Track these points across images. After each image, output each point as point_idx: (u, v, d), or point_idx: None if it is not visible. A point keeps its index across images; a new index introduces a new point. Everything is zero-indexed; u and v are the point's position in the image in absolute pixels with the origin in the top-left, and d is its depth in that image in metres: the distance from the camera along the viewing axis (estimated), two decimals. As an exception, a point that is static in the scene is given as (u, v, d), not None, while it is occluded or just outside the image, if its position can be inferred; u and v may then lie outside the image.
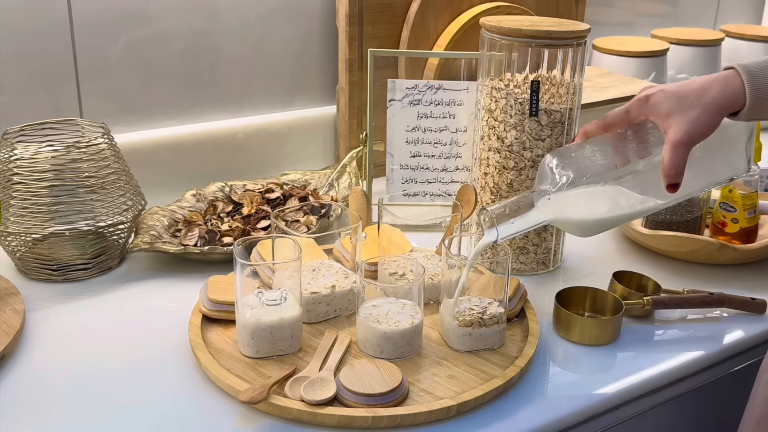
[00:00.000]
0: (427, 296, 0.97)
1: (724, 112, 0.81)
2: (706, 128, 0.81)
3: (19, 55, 1.13)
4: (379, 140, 1.24)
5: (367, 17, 1.32)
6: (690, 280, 1.10)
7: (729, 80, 0.81)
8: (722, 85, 0.81)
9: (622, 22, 1.89)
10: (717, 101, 0.81)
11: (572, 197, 0.85)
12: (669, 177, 0.82)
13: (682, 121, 0.81)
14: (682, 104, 0.82)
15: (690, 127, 0.81)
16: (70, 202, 1.00)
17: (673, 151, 0.81)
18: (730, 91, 0.81)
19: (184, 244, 1.08)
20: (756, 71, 0.81)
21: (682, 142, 0.81)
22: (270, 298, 0.87)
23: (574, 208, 0.86)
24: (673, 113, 0.82)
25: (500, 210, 0.86)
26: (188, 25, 1.25)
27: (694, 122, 0.81)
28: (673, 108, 0.82)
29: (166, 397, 0.82)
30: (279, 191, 1.22)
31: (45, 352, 0.88)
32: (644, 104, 0.85)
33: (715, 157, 0.89)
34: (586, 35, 1.02)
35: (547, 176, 0.86)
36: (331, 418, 0.77)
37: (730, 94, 0.81)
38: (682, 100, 0.82)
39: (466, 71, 1.27)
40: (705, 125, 0.81)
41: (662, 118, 0.83)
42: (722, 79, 0.82)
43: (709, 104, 0.81)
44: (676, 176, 0.81)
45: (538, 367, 0.90)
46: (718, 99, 0.81)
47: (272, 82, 1.36)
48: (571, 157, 0.87)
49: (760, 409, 0.89)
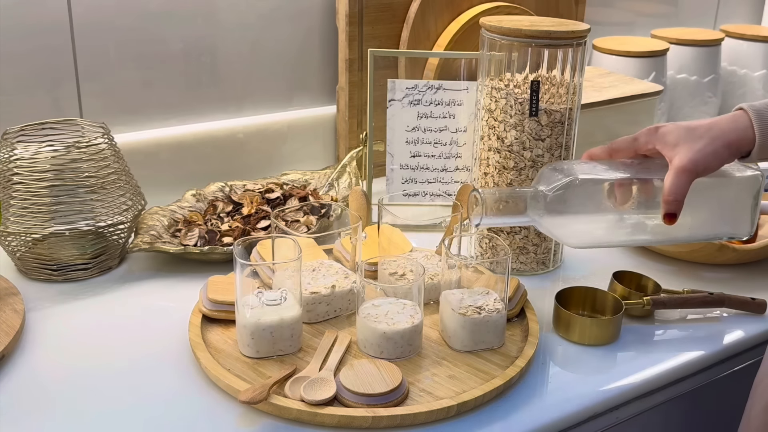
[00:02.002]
0: (427, 296, 0.97)
1: (732, 147, 0.82)
2: (712, 160, 0.81)
3: (19, 55, 1.13)
4: (379, 140, 1.24)
5: (367, 17, 1.33)
6: (690, 280, 1.10)
7: (738, 117, 0.83)
8: (731, 120, 0.83)
9: (622, 22, 1.89)
10: (725, 135, 0.82)
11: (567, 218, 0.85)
12: (668, 203, 0.81)
13: (688, 150, 0.81)
14: (690, 135, 0.82)
15: (696, 156, 0.81)
16: (70, 202, 1.00)
17: (676, 176, 0.81)
18: (738, 127, 0.82)
19: (184, 244, 1.08)
20: (764, 109, 0.82)
21: (686, 168, 0.81)
22: (270, 298, 0.87)
23: (564, 227, 0.87)
24: (680, 143, 0.82)
25: (493, 198, 0.86)
26: (188, 25, 1.25)
27: (700, 152, 0.81)
28: (681, 138, 0.83)
29: (165, 397, 0.82)
30: (279, 191, 1.22)
31: (45, 352, 0.88)
32: (653, 134, 0.85)
33: (718, 209, 0.89)
34: (586, 35, 1.02)
35: (546, 177, 0.86)
36: (331, 418, 0.77)
37: (738, 130, 0.82)
38: (691, 132, 0.83)
39: (466, 71, 1.27)
40: (711, 156, 0.81)
41: (669, 148, 0.83)
42: (731, 117, 0.83)
43: (716, 137, 0.82)
44: (675, 203, 0.81)
45: (538, 367, 0.90)
46: (726, 133, 0.82)
47: (272, 82, 1.36)
48: (572, 166, 0.87)
49: (757, 421, 0.88)
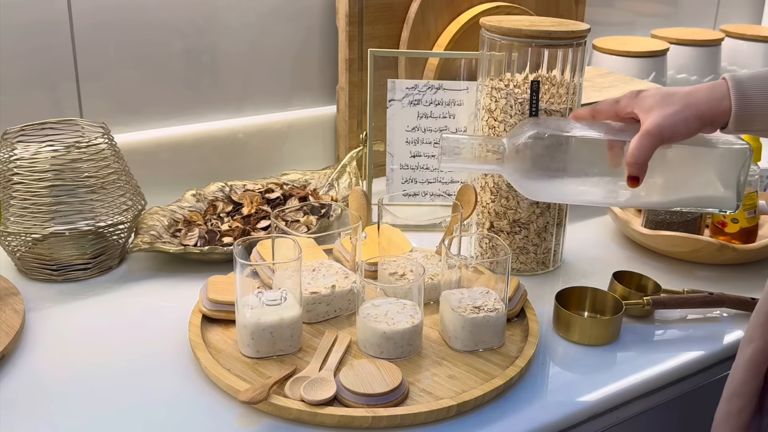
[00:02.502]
0: (427, 296, 0.97)
1: (704, 118, 0.81)
2: (680, 128, 0.81)
3: (19, 55, 1.13)
4: (379, 140, 1.24)
5: (367, 17, 1.33)
6: (690, 280, 1.10)
7: (716, 87, 0.82)
8: (708, 90, 0.82)
9: (622, 22, 1.89)
10: (699, 104, 0.81)
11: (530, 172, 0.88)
12: (629, 165, 0.82)
13: (657, 115, 0.81)
14: (666, 101, 0.82)
15: (663, 121, 0.81)
16: (70, 202, 1.00)
17: (639, 139, 0.82)
18: (715, 97, 0.81)
19: (184, 244, 1.08)
20: (745, 81, 0.80)
21: (650, 132, 0.81)
22: (270, 298, 0.87)
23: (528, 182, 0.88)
24: (654, 108, 0.82)
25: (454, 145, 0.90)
26: (188, 24, 1.25)
27: (668, 117, 0.81)
28: (657, 103, 0.83)
29: (165, 397, 0.82)
30: (279, 191, 1.22)
31: (45, 352, 0.88)
32: (634, 98, 0.86)
33: (701, 179, 0.88)
34: (586, 35, 1.02)
35: (516, 129, 0.89)
36: (331, 418, 0.77)
37: (713, 100, 0.81)
38: (667, 98, 0.82)
39: (466, 71, 1.27)
40: (680, 124, 0.81)
41: (644, 112, 0.83)
42: (710, 86, 0.82)
43: (689, 105, 0.81)
44: (635, 165, 0.82)
45: (538, 367, 0.90)
46: (701, 103, 0.81)
47: (272, 82, 1.36)
48: (542, 122, 0.90)
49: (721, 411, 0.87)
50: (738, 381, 0.83)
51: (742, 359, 0.83)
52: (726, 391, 0.85)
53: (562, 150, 0.87)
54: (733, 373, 0.85)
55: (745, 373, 0.83)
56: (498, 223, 1.08)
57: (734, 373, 0.84)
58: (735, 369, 0.84)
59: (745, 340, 0.84)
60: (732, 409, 0.84)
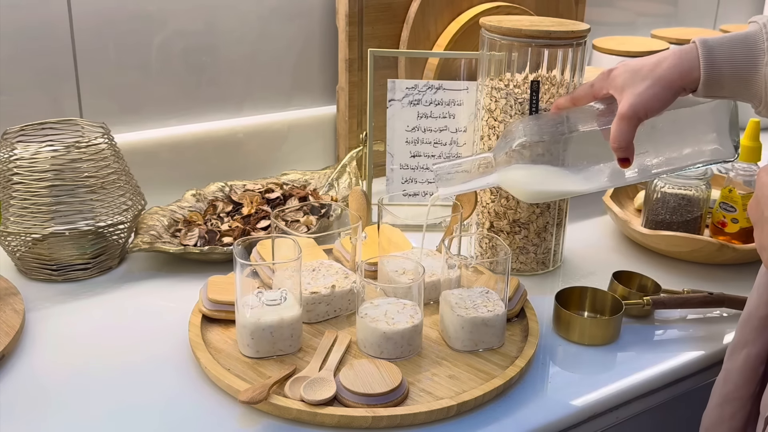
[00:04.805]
0: (427, 296, 0.97)
1: (675, 87, 0.79)
2: (653, 103, 0.79)
3: (19, 55, 1.13)
4: (379, 140, 1.24)
5: (367, 17, 1.33)
6: (690, 280, 1.10)
7: (684, 53, 0.79)
8: (676, 58, 0.79)
9: (622, 22, 1.89)
10: (667, 75, 0.79)
11: (529, 170, 0.87)
12: (615, 150, 0.81)
13: (629, 94, 0.80)
14: (635, 78, 0.81)
15: (635, 100, 0.79)
16: (70, 202, 1.00)
17: (617, 123, 0.80)
18: (683, 65, 0.79)
19: (184, 244, 1.08)
20: (714, 45, 0.78)
21: (626, 115, 0.80)
22: (270, 298, 0.87)
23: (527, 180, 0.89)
24: (626, 86, 0.81)
25: (447, 171, 0.91)
26: (188, 25, 1.25)
27: (640, 95, 0.79)
28: (627, 81, 0.81)
29: (165, 397, 0.82)
30: (279, 191, 1.22)
31: (45, 352, 0.88)
32: (605, 79, 0.85)
33: (693, 138, 0.88)
34: (586, 35, 1.02)
35: (508, 136, 0.89)
36: (331, 418, 0.77)
37: (682, 68, 0.79)
38: (636, 74, 0.81)
39: (466, 71, 1.27)
40: (651, 99, 0.79)
41: (618, 91, 0.82)
42: (678, 53, 0.80)
43: (658, 78, 0.79)
44: (620, 149, 0.81)
45: (538, 367, 0.90)
46: (669, 73, 0.79)
47: (272, 82, 1.36)
48: (520, 127, 0.89)
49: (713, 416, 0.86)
50: (732, 386, 0.83)
51: (735, 364, 0.83)
52: (716, 397, 0.85)
53: (556, 149, 0.87)
54: (725, 378, 0.84)
55: (739, 378, 0.82)
56: (498, 223, 1.08)
57: (726, 378, 0.84)
58: (727, 374, 0.84)
59: (735, 345, 0.83)
60: (725, 413, 0.83)
